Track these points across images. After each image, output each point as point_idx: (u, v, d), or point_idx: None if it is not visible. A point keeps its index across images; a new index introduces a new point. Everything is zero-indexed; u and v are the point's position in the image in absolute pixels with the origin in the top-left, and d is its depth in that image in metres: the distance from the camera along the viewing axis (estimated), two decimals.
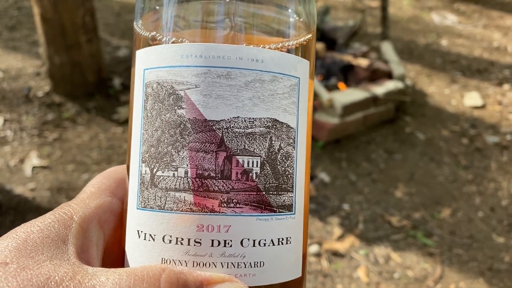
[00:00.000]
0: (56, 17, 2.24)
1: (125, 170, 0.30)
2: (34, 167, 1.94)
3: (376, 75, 2.46)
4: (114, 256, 0.30)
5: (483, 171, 2.12)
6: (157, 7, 0.28)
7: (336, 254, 1.61)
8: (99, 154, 2.06)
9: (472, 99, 2.67)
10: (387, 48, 2.68)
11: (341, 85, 2.45)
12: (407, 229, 1.75)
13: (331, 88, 2.37)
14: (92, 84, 2.44)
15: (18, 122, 2.22)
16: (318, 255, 1.60)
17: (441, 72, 2.97)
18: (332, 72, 2.49)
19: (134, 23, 0.29)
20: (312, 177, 1.97)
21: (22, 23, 3.07)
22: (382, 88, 2.36)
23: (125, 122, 2.27)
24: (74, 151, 2.06)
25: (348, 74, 2.51)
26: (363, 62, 2.46)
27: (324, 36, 2.66)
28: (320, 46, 2.53)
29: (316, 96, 2.25)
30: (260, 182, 0.25)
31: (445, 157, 2.20)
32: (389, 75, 2.49)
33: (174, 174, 0.25)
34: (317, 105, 2.27)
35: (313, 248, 1.61)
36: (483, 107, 2.62)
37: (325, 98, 2.18)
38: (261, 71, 0.26)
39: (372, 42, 3.16)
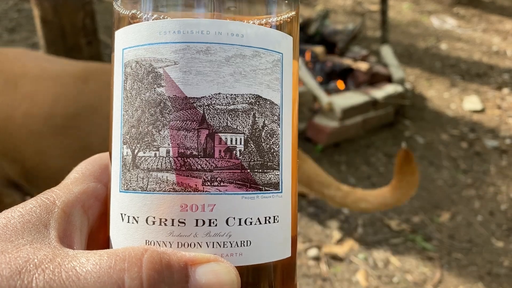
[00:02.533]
0: (56, 20, 2.25)
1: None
2: None
3: (376, 78, 2.46)
4: (100, 242, 0.29)
5: (482, 175, 2.11)
6: None
7: (335, 258, 1.60)
8: None
9: (471, 103, 2.67)
10: (387, 52, 2.68)
11: (339, 84, 2.45)
12: (406, 233, 1.74)
13: (331, 91, 2.37)
14: None
15: None
16: (317, 258, 1.59)
17: (440, 76, 2.97)
18: (332, 76, 2.49)
19: (114, 2, 0.28)
20: None
21: (22, 25, 3.08)
22: (381, 92, 2.36)
23: None
24: None
25: (347, 78, 2.51)
26: (362, 66, 2.46)
27: (324, 39, 2.67)
28: (319, 49, 2.54)
29: (315, 99, 2.24)
30: (244, 159, 0.25)
31: (444, 161, 2.20)
32: (388, 79, 2.49)
33: (155, 154, 0.24)
34: (317, 109, 2.27)
35: (312, 252, 1.60)
36: (482, 111, 2.61)
37: (324, 101, 2.18)
38: (241, 46, 0.25)
39: (372, 46, 3.16)
